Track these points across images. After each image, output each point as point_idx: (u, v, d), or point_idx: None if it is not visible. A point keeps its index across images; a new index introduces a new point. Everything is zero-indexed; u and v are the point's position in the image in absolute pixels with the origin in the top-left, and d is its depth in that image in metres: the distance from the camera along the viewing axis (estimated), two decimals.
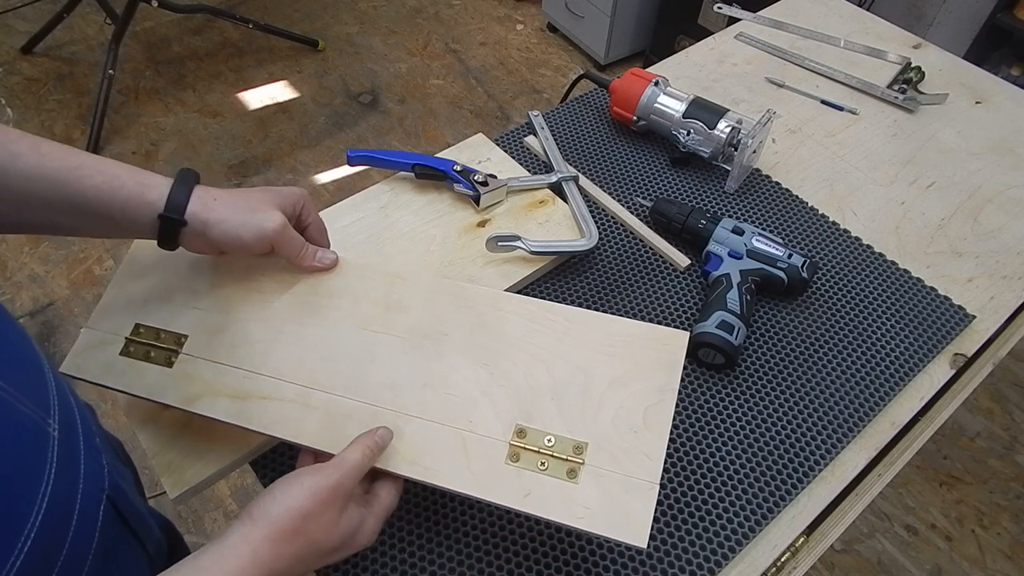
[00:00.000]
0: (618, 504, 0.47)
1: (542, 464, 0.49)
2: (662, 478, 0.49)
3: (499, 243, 0.72)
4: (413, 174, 0.81)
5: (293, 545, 0.42)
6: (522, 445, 0.50)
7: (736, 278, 0.71)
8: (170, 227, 0.51)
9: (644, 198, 0.84)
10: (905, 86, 0.98)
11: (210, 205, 0.52)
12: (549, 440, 0.50)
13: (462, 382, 0.53)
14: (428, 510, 0.59)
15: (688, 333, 0.54)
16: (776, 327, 0.73)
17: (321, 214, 0.78)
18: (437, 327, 0.56)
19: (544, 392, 0.52)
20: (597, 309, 0.73)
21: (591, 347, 0.54)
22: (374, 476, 0.50)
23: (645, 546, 0.46)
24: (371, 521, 0.47)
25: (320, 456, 0.50)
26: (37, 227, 0.51)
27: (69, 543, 0.39)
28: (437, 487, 0.50)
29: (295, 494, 0.43)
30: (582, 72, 0.97)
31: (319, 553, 0.44)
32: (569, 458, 0.49)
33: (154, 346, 0.56)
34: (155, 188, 0.51)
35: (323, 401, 0.53)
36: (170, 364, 0.55)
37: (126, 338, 0.57)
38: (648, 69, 0.94)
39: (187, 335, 0.56)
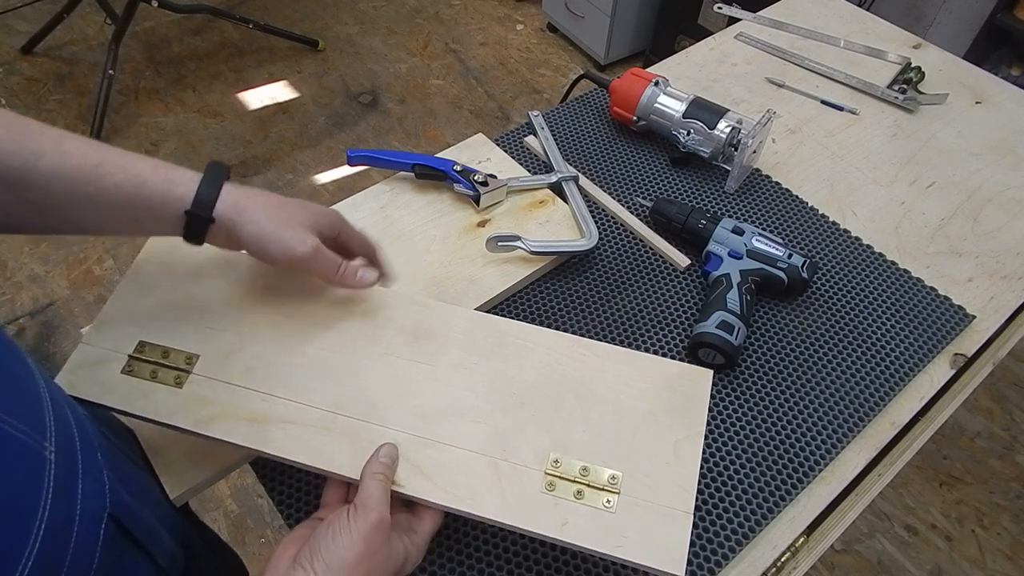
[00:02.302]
0: (654, 533, 0.47)
1: (578, 493, 0.49)
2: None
3: (499, 243, 0.72)
4: (413, 174, 0.81)
5: None
6: (557, 474, 0.49)
7: (736, 278, 0.71)
8: (198, 224, 0.50)
9: (644, 198, 0.84)
10: (905, 86, 0.98)
11: (241, 204, 0.51)
12: (584, 470, 0.50)
13: (494, 412, 0.52)
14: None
15: (712, 371, 0.55)
16: (776, 327, 0.73)
17: None
18: (467, 357, 0.55)
19: (576, 423, 0.52)
20: (597, 309, 0.73)
21: (621, 382, 0.54)
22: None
23: (682, 573, 0.46)
24: (416, 548, 0.47)
25: (352, 489, 0.49)
26: (61, 227, 0.50)
27: (67, 567, 0.39)
28: (473, 516, 0.49)
29: (347, 543, 0.42)
30: (582, 72, 0.97)
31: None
32: (605, 487, 0.49)
33: (161, 365, 0.53)
34: (182, 184, 0.49)
35: (349, 427, 0.51)
36: (179, 385, 0.53)
37: (128, 356, 0.54)
38: (648, 69, 0.94)
39: (198, 355, 0.54)
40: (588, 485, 0.49)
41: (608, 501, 0.48)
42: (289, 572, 0.42)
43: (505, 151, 0.87)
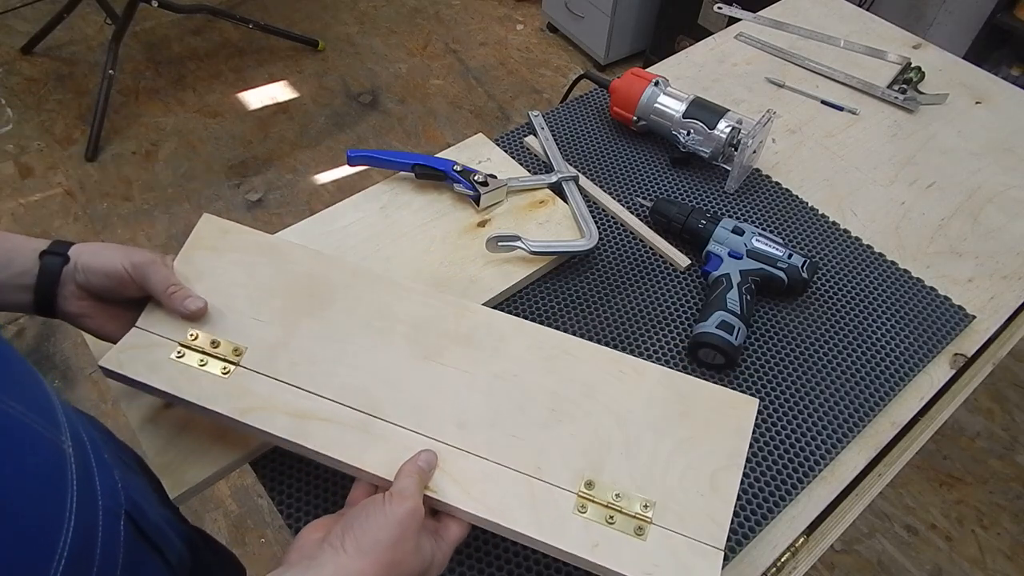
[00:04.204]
0: (684, 565, 0.47)
1: (610, 518, 0.48)
2: None
3: (499, 243, 0.72)
4: (413, 174, 0.81)
5: (387, 574, 0.42)
6: (590, 497, 0.49)
7: (736, 278, 0.71)
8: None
9: (644, 198, 0.84)
10: (905, 86, 0.98)
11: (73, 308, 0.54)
12: (617, 495, 0.49)
13: (531, 426, 0.52)
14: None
15: (757, 400, 0.54)
16: (776, 327, 0.73)
17: (321, 214, 0.78)
18: (507, 366, 0.55)
19: (613, 445, 0.52)
20: (597, 309, 0.73)
21: (661, 403, 0.53)
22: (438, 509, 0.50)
23: None
24: (442, 553, 0.47)
25: (380, 487, 0.49)
26: None
27: (98, 562, 0.39)
28: (504, 530, 0.48)
29: (381, 524, 0.43)
30: (582, 72, 0.97)
31: None
32: (637, 515, 0.49)
33: (209, 355, 0.54)
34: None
35: (386, 431, 0.51)
36: (226, 375, 0.53)
37: (179, 343, 0.54)
38: (648, 69, 0.94)
39: (247, 347, 0.54)
40: (620, 511, 0.49)
41: (640, 529, 0.48)
42: (317, 549, 0.42)
43: (505, 151, 0.87)
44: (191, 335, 0.55)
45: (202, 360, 0.54)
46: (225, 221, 0.61)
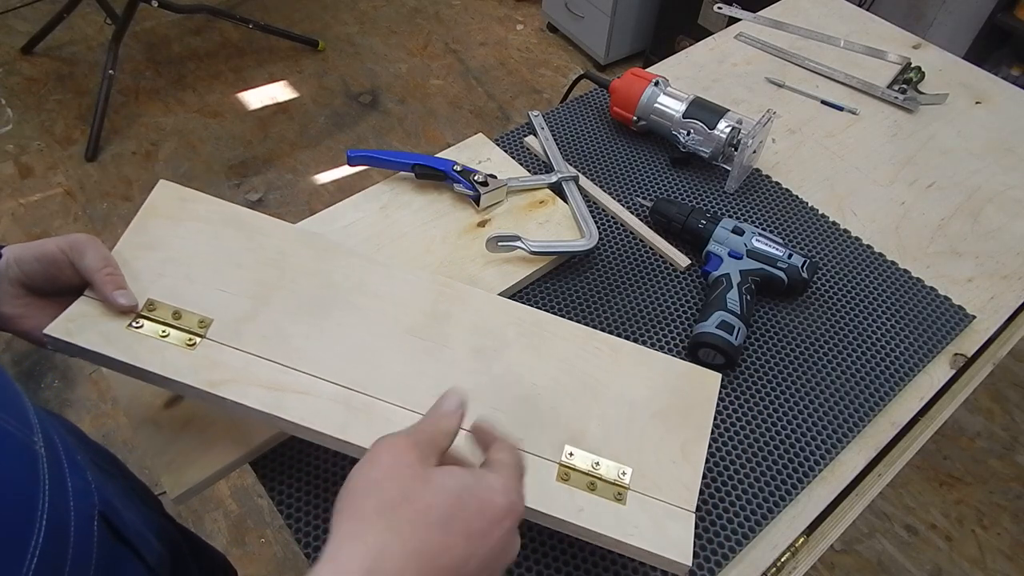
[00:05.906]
0: (662, 527, 0.50)
1: (591, 485, 0.50)
2: None
3: (499, 243, 0.72)
4: (413, 174, 0.81)
5: (379, 519, 0.33)
6: (571, 466, 0.51)
7: (736, 278, 0.71)
8: None
9: (644, 198, 0.84)
10: (905, 86, 0.98)
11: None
12: (596, 464, 0.51)
13: (511, 400, 0.53)
14: None
15: (720, 375, 0.57)
16: (776, 327, 0.73)
17: (321, 214, 0.78)
18: (486, 342, 0.56)
19: (591, 416, 0.54)
20: (597, 309, 0.73)
21: (634, 378, 0.56)
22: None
23: (690, 564, 0.48)
24: (499, 479, 0.36)
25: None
26: None
27: (70, 563, 0.39)
28: None
29: (361, 470, 0.36)
30: (582, 72, 0.97)
31: (441, 524, 0.34)
32: (615, 482, 0.51)
33: (171, 326, 0.50)
34: None
35: (367, 404, 0.51)
36: (191, 346, 0.50)
37: (137, 313, 0.50)
38: (648, 69, 0.94)
39: (212, 319, 0.51)
40: (600, 479, 0.51)
41: (619, 494, 0.50)
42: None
43: (505, 151, 0.87)
44: (148, 304, 0.50)
45: (163, 331, 0.50)
46: (184, 188, 0.57)
